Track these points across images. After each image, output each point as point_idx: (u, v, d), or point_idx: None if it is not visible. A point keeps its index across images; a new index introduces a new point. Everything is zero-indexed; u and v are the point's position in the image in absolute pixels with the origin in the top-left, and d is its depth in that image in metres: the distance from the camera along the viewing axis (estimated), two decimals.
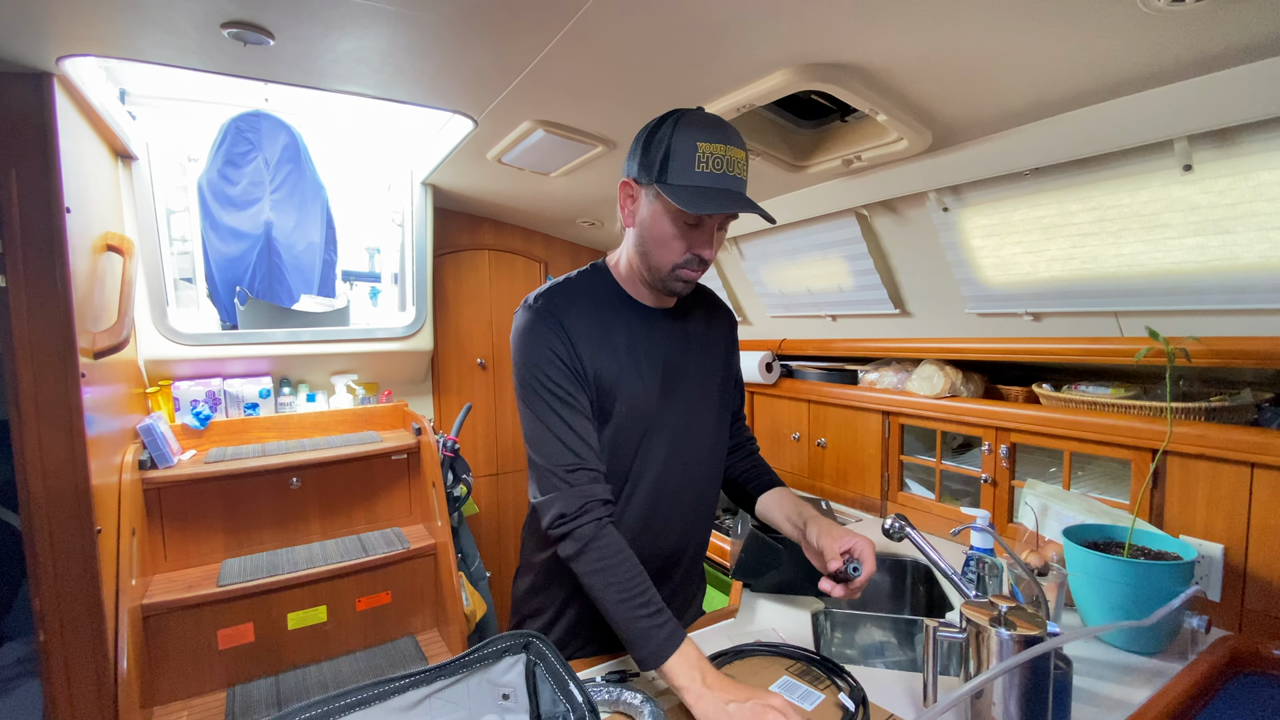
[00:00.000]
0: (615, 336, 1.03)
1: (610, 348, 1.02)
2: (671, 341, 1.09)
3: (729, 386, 1.22)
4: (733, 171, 0.92)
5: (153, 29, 1.21)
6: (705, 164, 0.90)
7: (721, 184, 0.91)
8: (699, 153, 0.90)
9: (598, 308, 1.04)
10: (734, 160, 0.92)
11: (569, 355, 0.99)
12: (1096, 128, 1.15)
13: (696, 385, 1.12)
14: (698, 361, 1.13)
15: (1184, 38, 0.93)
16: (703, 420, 1.13)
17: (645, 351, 1.05)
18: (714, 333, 1.19)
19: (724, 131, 0.93)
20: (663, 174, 0.92)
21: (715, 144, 0.91)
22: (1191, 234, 1.17)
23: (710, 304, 1.22)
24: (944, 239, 1.56)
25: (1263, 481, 1.13)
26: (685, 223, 0.95)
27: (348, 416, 2.52)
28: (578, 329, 1.00)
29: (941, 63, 1.10)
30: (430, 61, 1.34)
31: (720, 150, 0.91)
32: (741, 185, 0.94)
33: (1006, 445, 1.57)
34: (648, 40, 1.18)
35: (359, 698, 0.72)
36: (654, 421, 1.06)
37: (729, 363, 1.23)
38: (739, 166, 0.93)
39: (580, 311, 1.02)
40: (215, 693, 1.95)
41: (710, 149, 0.91)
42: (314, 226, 2.48)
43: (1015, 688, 0.80)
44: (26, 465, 1.46)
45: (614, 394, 1.01)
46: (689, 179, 0.91)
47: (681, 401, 1.09)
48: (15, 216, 1.43)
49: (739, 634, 1.18)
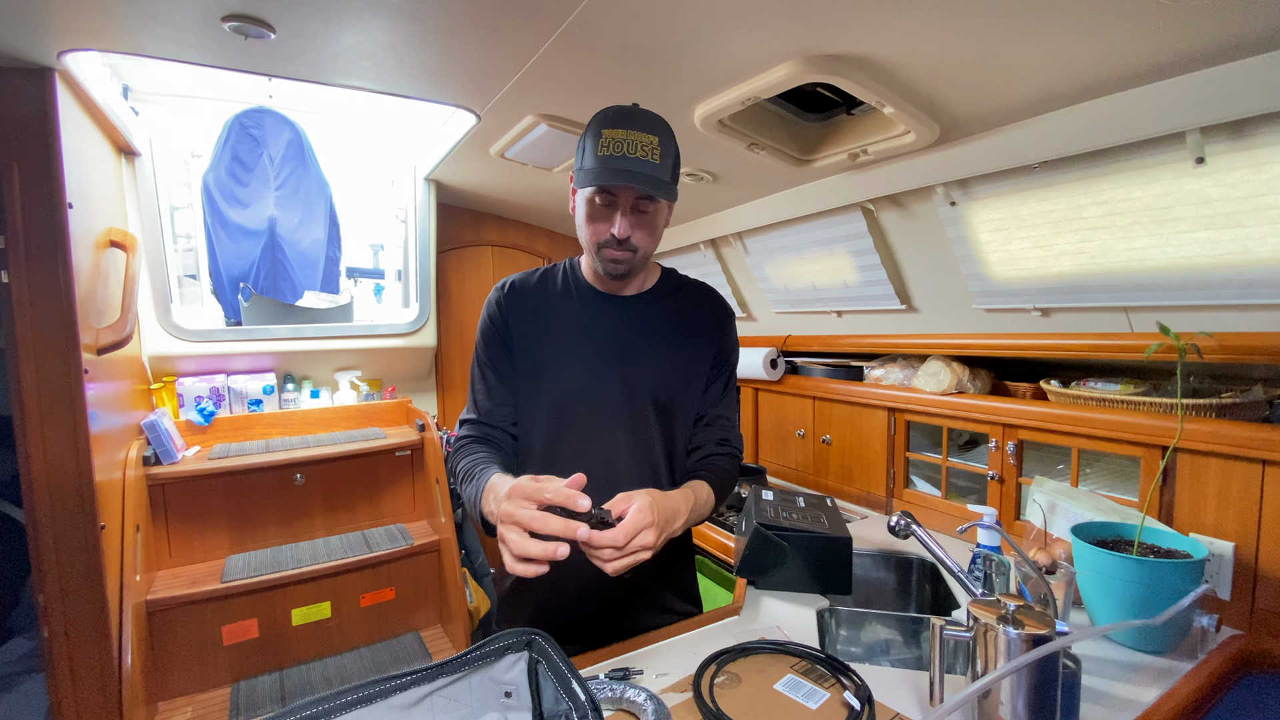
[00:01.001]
0: (554, 314, 1.14)
1: (552, 328, 1.13)
2: (623, 324, 1.14)
3: (698, 377, 1.18)
4: (634, 154, 0.97)
5: (154, 23, 1.20)
6: (606, 148, 0.97)
7: (620, 165, 0.97)
8: (602, 139, 0.98)
9: (547, 291, 1.16)
10: (636, 143, 0.97)
11: (502, 328, 1.13)
12: (1107, 120, 1.14)
13: (646, 370, 1.12)
14: (655, 349, 1.14)
15: (1196, 28, 0.91)
16: (643, 404, 1.12)
17: (590, 331, 1.13)
18: (691, 325, 1.18)
19: (630, 119, 0.99)
20: (580, 163, 1.02)
21: (617, 129, 0.98)
22: (1203, 228, 1.16)
23: (698, 298, 1.21)
24: (951, 233, 1.55)
25: (1274, 479, 1.12)
26: (597, 203, 1.02)
27: (351, 413, 2.52)
28: (515, 309, 1.13)
29: (949, 54, 1.09)
30: (433, 55, 1.33)
31: (621, 135, 0.97)
32: (646, 166, 0.98)
33: (1014, 442, 1.56)
34: (651, 32, 1.16)
35: (361, 695, 0.72)
36: (581, 394, 1.11)
37: (704, 356, 1.18)
38: (644, 149, 0.98)
39: (527, 295, 1.15)
40: (220, 688, 1.96)
41: (611, 134, 0.97)
42: (318, 223, 2.48)
43: (1023, 687, 0.79)
44: (30, 461, 1.47)
45: (545, 367, 1.11)
46: (593, 163, 0.98)
47: (622, 381, 1.11)
48: (17, 212, 1.43)
49: (743, 631, 1.17)
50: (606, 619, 1.16)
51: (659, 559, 1.16)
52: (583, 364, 1.11)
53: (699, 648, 1.08)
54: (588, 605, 1.14)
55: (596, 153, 0.98)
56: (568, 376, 1.11)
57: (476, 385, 1.16)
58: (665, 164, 1.00)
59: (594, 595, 1.14)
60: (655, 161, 0.99)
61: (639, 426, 1.13)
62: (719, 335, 1.20)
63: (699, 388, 1.18)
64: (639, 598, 1.18)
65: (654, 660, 1.05)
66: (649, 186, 0.97)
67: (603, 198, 1.01)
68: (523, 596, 1.17)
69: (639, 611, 1.18)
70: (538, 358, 1.12)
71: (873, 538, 1.68)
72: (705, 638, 1.13)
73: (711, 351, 1.19)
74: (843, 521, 1.42)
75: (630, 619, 1.17)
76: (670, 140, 1.02)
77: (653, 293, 1.18)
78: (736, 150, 1.53)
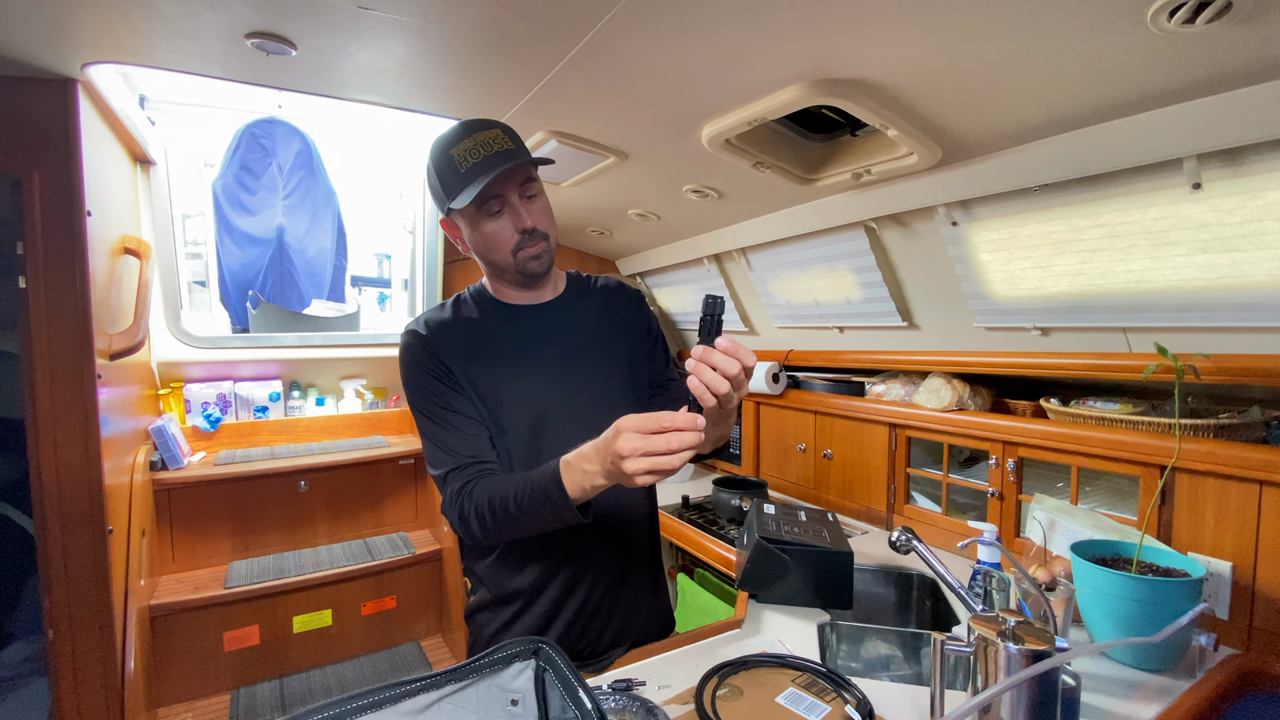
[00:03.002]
0: (490, 341, 1.09)
1: (485, 353, 1.08)
2: (558, 331, 1.13)
3: (641, 357, 1.19)
4: (491, 150, 0.98)
5: (178, 38, 1.24)
6: (464, 160, 0.98)
7: (485, 164, 0.97)
8: (454, 158, 0.98)
9: (468, 321, 1.11)
10: (487, 140, 0.99)
11: (438, 368, 1.06)
12: (1105, 145, 1.16)
13: (600, 366, 1.13)
14: (590, 348, 1.14)
15: (1194, 58, 0.94)
16: (611, 398, 1.13)
17: (526, 347, 1.10)
18: (615, 314, 1.19)
19: (466, 128, 1.00)
20: (448, 197, 1.00)
21: (463, 141, 0.98)
22: (1200, 251, 1.18)
23: (608, 287, 1.23)
24: (952, 253, 1.57)
25: (1271, 499, 1.13)
26: (490, 214, 1.01)
27: (356, 421, 2.53)
28: (445, 347, 1.07)
29: (952, 79, 1.12)
30: (448, 73, 1.36)
31: (470, 143, 0.98)
32: (508, 155, 0.98)
33: (1014, 459, 1.57)
34: (661, 55, 1.20)
35: (370, 700, 0.73)
36: (551, 408, 1.08)
37: (637, 336, 1.20)
38: (497, 141, 0.99)
39: (450, 330, 1.09)
40: (220, 695, 1.96)
41: (460, 148, 0.98)
42: (325, 232, 2.51)
43: (1023, 703, 0.80)
44: (41, 464, 1.48)
45: (499, 394, 1.07)
46: (461, 181, 0.98)
47: (584, 385, 1.11)
48: (37, 219, 1.46)
49: (745, 645, 1.18)
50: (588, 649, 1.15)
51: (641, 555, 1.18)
52: (535, 379, 1.09)
53: (701, 660, 1.09)
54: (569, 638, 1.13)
55: (458, 171, 0.98)
56: (527, 396, 1.08)
57: (441, 434, 1.04)
58: (520, 145, 1.02)
59: (578, 632, 1.13)
60: (512, 147, 1.00)
61: (605, 422, 1.13)
62: (640, 316, 1.23)
63: (642, 370, 1.20)
64: (623, 625, 1.18)
65: (656, 672, 1.06)
66: (526, 161, 0.98)
67: (492, 204, 1.01)
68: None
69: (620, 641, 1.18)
70: (488, 388, 1.07)
71: (873, 553, 1.69)
72: (707, 650, 1.14)
73: (640, 332, 1.21)
74: (844, 536, 1.44)
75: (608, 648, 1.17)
76: (510, 129, 1.03)
77: (569, 294, 1.18)
78: (742, 168, 1.56)
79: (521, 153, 1.01)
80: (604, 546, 1.13)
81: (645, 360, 1.21)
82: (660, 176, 1.82)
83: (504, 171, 0.97)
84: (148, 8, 1.13)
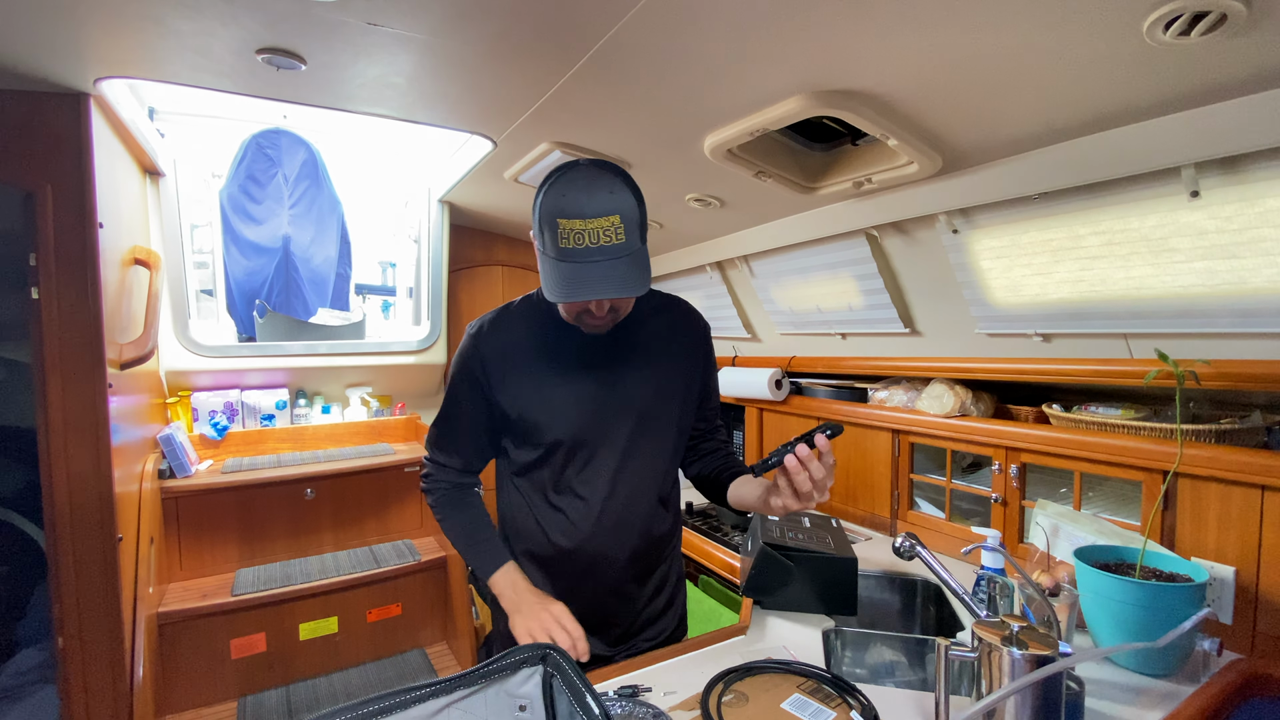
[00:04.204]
0: (535, 347, 1.13)
1: (526, 359, 1.13)
2: (606, 350, 1.14)
3: (689, 401, 1.22)
4: (597, 242, 0.92)
5: (190, 54, 1.26)
6: (567, 240, 0.92)
7: (584, 260, 0.92)
8: (560, 230, 0.92)
9: (528, 324, 1.15)
10: (597, 230, 0.91)
11: (475, 370, 1.14)
12: (1104, 154, 1.18)
13: (634, 392, 1.14)
14: (641, 371, 1.15)
15: (1189, 68, 0.95)
16: (635, 426, 1.14)
17: (570, 360, 1.13)
18: (675, 346, 1.20)
19: (585, 202, 0.92)
20: (542, 243, 0.97)
21: (573, 220, 0.91)
22: (1199, 258, 1.19)
23: (677, 316, 1.23)
24: (953, 260, 1.58)
25: (1274, 504, 1.14)
26: None
27: (361, 428, 2.55)
28: (495, 352, 1.13)
29: (951, 89, 1.13)
30: (455, 86, 1.38)
31: (579, 225, 0.91)
32: (611, 251, 0.92)
33: (1017, 465, 1.58)
34: (665, 67, 1.21)
35: (381, 706, 0.74)
36: (587, 424, 1.12)
37: (692, 376, 1.22)
38: (605, 234, 0.92)
39: (504, 336, 1.14)
40: (227, 702, 1.96)
41: (569, 225, 0.91)
42: (330, 241, 2.54)
43: (1027, 708, 0.81)
44: (52, 474, 1.50)
45: (539, 400, 1.12)
46: (557, 254, 0.94)
47: (611, 405, 1.13)
48: (50, 231, 1.48)
49: (749, 651, 1.18)
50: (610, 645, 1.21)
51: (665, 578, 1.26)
52: (577, 396, 1.12)
53: (706, 666, 1.09)
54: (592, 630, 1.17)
55: (557, 244, 0.92)
56: (566, 411, 1.11)
57: (447, 425, 1.20)
58: (632, 234, 0.94)
59: (598, 624, 1.19)
60: (621, 241, 0.93)
61: (638, 448, 1.16)
62: (704, 349, 1.25)
63: (692, 401, 1.23)
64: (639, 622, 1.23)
65: (662, 678, 1.07)
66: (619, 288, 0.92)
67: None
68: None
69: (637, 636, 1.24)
70: (521, 393, 1.11)
71: (877, 559, 1.70)
72: (712, 656, 1.15)
73: (699, 365, 1.23)
74: (848, 542, 1.44)
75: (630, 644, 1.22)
76: (630, 199, 0.95)
77: (634, 316, 1.15)
78: (744, 178, 1.58)
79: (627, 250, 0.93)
80: (616, 567, 1.19)
81: (693, 395, 1.23)
82: (663, 186, 1.84)
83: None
84: (161, 24, 1.15)
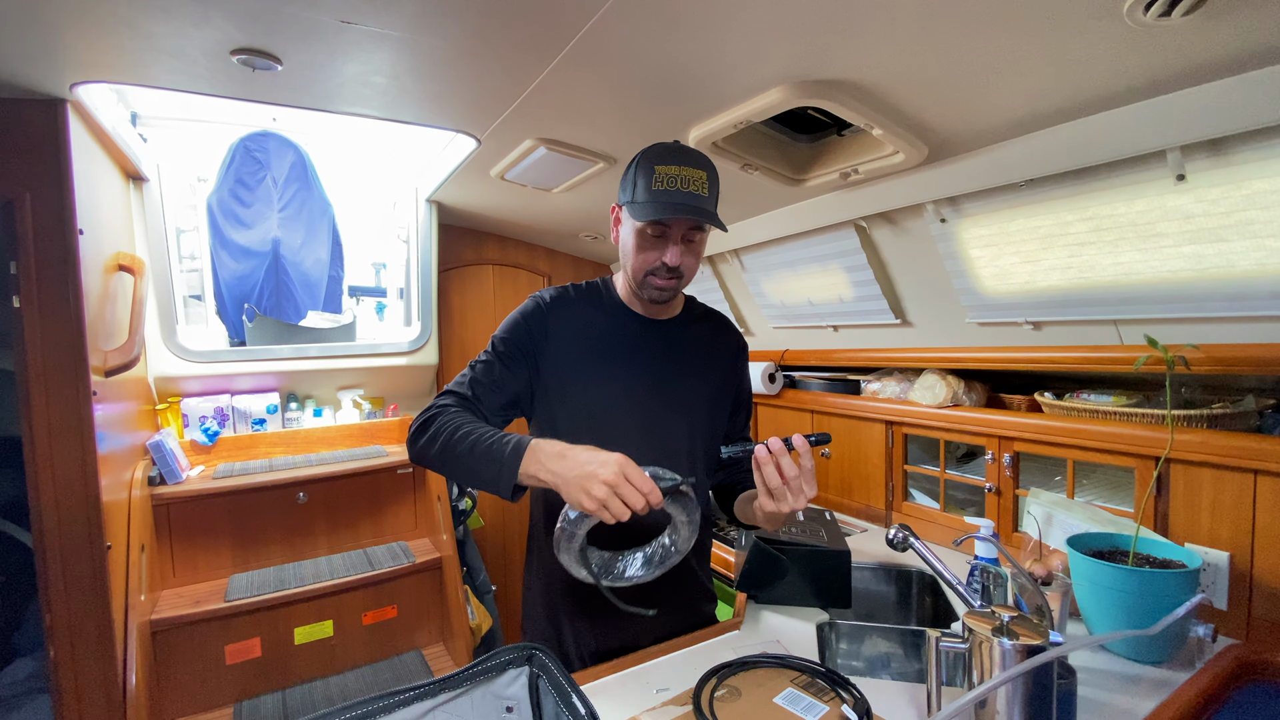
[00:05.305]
0: (593, 332, 1.17)
1: (584, 341, 1.16)
2: (658, 347, 1.19)
3: (721, 408, 1.26)
4: (688, 188, 1.05)
5: (165, 57, 1.24)
6: (661, 182, 1.04)
7: (675, 199, 1.04)
8: (655, 174, 1.05)
9: (589, 309, 1.19)
10: (689, 178, 1.05)
11: (531, 335, 1.15)
12: (1089, 139, 1.17)
13: (678, 391, 1.19)
14: (685, 372, 1.21)
15: (1172, 50, 0.94)
16: (676, 423, 1.18)
17: (624, 350, 1.18)
18: (716, 355, 1.26)
19: (681, 156, 1.07)
20: (631, 195, 1.09)
21: (670, 165, 1.05)
22: (1187, 242, 1.18)
23: (719, 327, 1.30)
24: (942, 249, 1.58)
25: (1266, 488, 1.13)
26: (649, 234, 1.08)
27: (354, 431, 2.53)
28: (558, 320, 1.16)
29: (934, 77, 1.12)
30: (434, 83, 1.37)
31: (675, 170, 1.05)
32: (698, 199, 1.05)
33: (1010, 454, 1.57)
34: (646, 59, 1.20)
35: (364, 710, 0.73)
36: (626, 416, 1.15)
37: (727, 384, 1.27)
38: (696, 184, 1.06)
39: (569, 309, 1.18)
40: (222, 708, 1.95)
41: (665, 170, 1.05)
42: (321, 244, 2.52)
43: (1019, 698, 0.80)
44: (38, 482, 1.48)
45: (580, 380, 1.14)
46: (648, 196, 1.05)
47: (658, 400, 1.17)
48: (30, 239, 1.46)
49: (743, 645, 1.18)
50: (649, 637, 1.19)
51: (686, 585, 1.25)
52: (620, 383, 1.16)
53: (699, 661, 1.09)
54: (626, 631, 1.17)
55: (651, 187, 1.04)
56: (605, 394, 1.15)
57: (480, 369, 1.14)
58: (712, 197, 1.08)
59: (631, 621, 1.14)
60: (705, 195, 1.06)
61: (670, 446, 1.17)
62: (740, 365, 1.30)
63: (722, 411, 1.26)
64: (678, 611, 1.24)
65: (654, 674, 1.06)
66: (705, 218, 1.05)
67: (655, 229, 1.07)
68: (547, 618, 1.21)
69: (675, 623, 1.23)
70: (574, 373, 1.15)
71: (872, 551, 1.69)
72: (705, 652, 1.14)
73: (734, 379, 1.28)
74: (841, 535, 1.44)
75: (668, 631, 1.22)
76: (715, 175, 1.09)
77: (682, 318, 1.24)
78: (731, 170, 1.57)
79: (708, 205, 1.07)
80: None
81: (723, 405, 1.26)
82: None
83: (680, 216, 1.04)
84: (133, 27, 1.14)
